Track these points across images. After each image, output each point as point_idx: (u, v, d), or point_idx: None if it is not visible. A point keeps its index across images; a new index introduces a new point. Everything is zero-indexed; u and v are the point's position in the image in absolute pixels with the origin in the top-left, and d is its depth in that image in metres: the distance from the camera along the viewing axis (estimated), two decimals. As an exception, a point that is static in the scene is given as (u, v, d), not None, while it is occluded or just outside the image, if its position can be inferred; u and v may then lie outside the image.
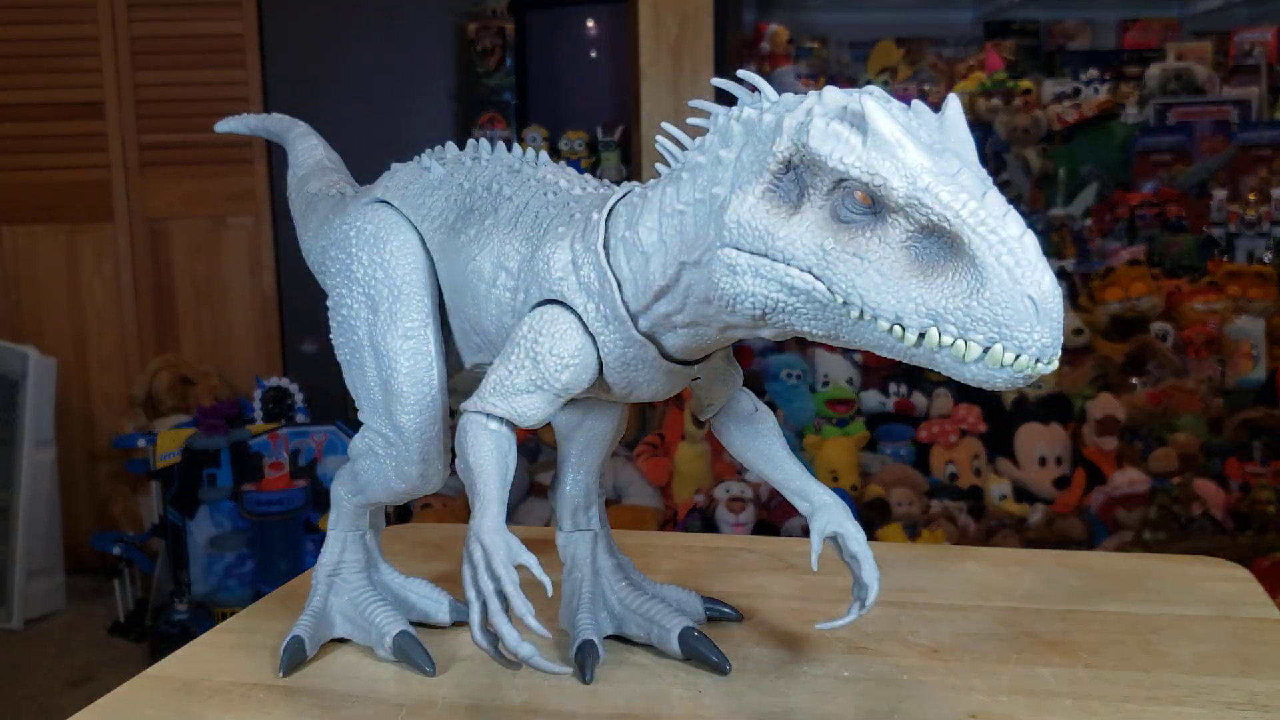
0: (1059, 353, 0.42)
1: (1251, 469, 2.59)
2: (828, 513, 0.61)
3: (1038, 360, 0.42)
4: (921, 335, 0.43)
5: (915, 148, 0.43)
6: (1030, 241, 0.42)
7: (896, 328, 0.44)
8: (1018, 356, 0.42)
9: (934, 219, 0.43)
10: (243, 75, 3.24)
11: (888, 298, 0.43)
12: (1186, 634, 0.69)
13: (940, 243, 0.43)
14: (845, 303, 0.45)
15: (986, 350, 0.42)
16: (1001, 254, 0.42)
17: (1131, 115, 3.27)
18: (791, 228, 0.46)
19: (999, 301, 0.42)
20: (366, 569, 0.72)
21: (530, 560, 0.53)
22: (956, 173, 0.43)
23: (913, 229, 0.43)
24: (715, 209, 0.49)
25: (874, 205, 0.44)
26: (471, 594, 0.54)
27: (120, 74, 3.23)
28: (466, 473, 0.57)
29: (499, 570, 0.53)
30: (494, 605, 0.53)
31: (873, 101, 0.44)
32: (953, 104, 0.46)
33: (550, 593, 0.56)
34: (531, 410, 0.56)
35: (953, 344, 0.43)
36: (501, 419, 0.57)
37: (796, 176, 0.46)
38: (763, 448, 0.64)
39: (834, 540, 0.62)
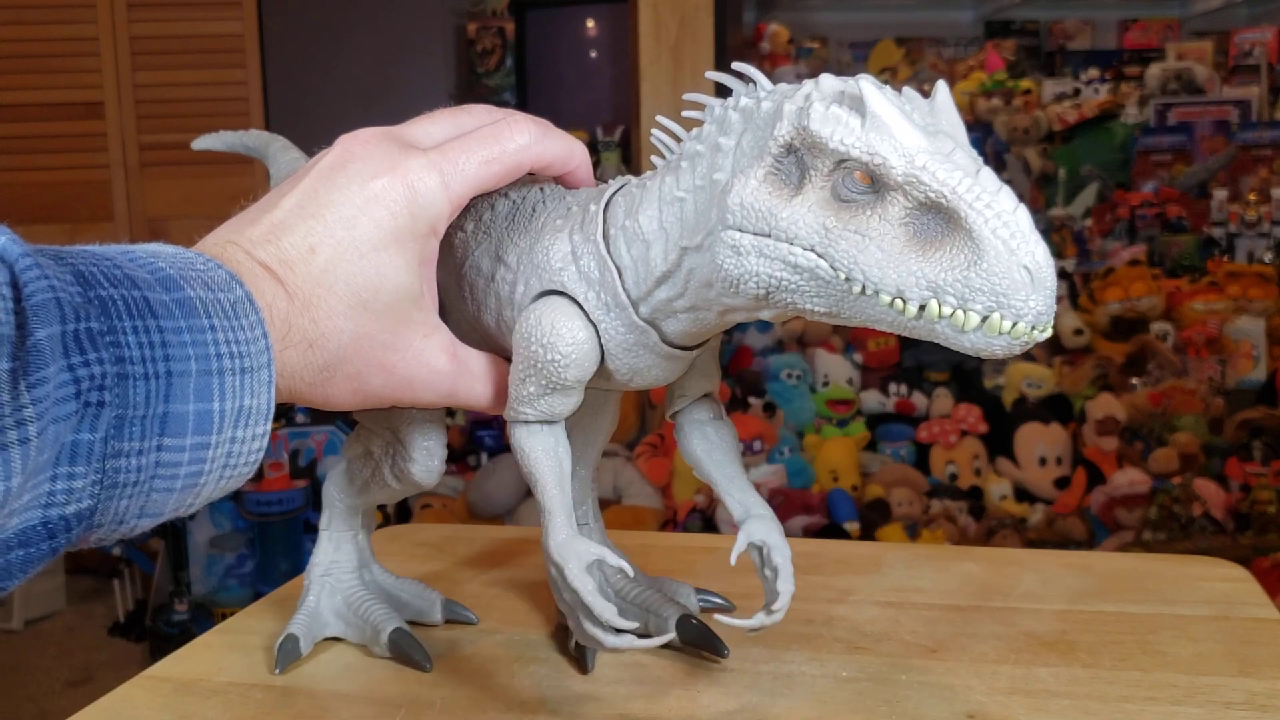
0: (1053, 320, 0.44)
1: (1252, 469, 2.59)
2: (761, 523, 0.61)
3: (1033, 327, 0.43)
4: (922, 307, 0.44)
5: (912, 128, 0.44)
6: (1023, 215, 0.43)
7: (898, 301, 0.44)
8: (1015, 324, 0.43)
9: (932, 196, 0.44)
10: (243, 75, 3.24)
11: (889, 272, 0.44)
12: (1185, 634, 0.69)
13: (938, 218, 0.44)
14: (848, 279, 0.45)
15: (985, 319, 0.43)
16: (997, 227, 0.43)
17: (1131, 115, 3.27)
18: (794, 208, 0.47)
19: (996, 272, 0.43)
20: (359, 569, 0.72)
21: (602, 553, 0.55)
22: (951, 152, 0.44)
23: (911, 206, 0.44)
24: (716, 194, 0.50)
25: (873, 184, 0.45)
26: (563, 607, 0.58)
27: (120, 74, 3.23)
28: (529, 482, 0.59)
29: (574, 584, 0.55)
30: (581, 615, 0.55)
31: (870, 85, 0.45)
32: (941, 89, 0.47)
33: (631, 574, 0.61)
34: (558, 406, 0.58)
35: (952, 314, 0.43)
36: (539, 420, 0.58)
37: (797, 159, 0.47)
38: (712, 452, 0.63)
39: (760, 550, 0.61)
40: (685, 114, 0.54)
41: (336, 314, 0.47)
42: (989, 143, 3.27)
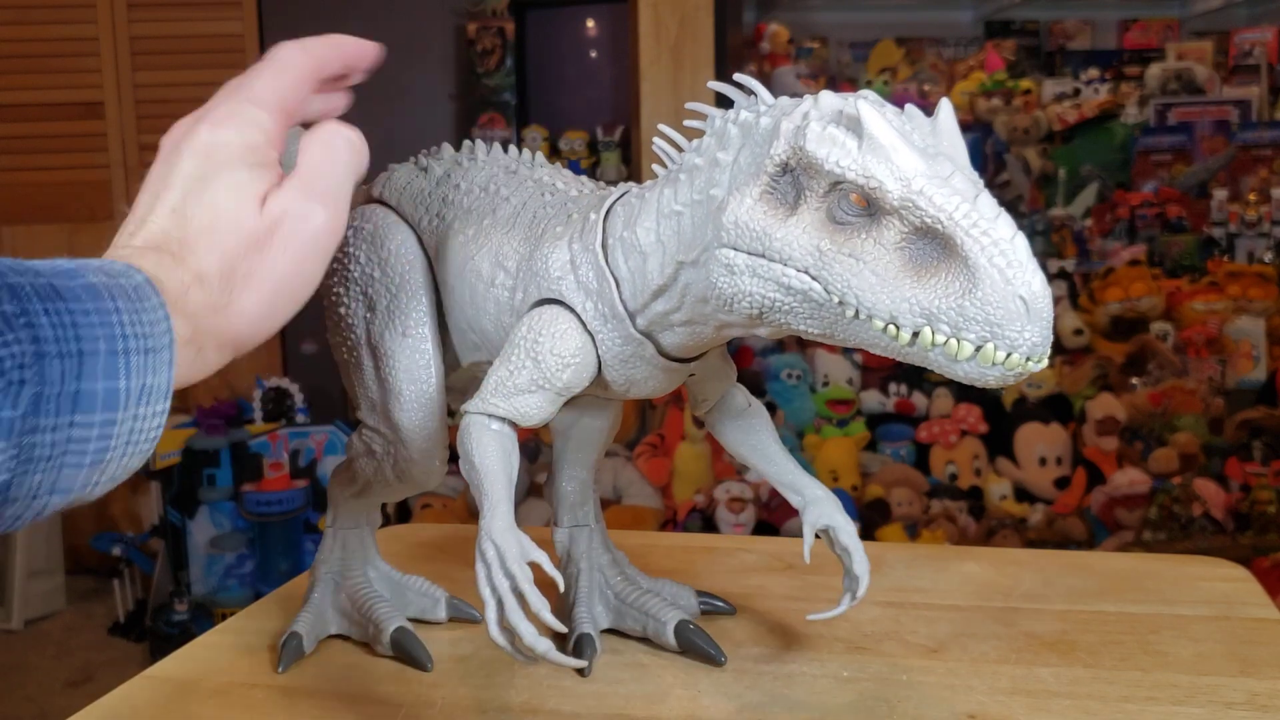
0: (1049, 351, 0.43)
1: (1252, 469, 2.59)
2: (819, 506, 0.62)
3: (1028, 359, 0.43)
4: (915, 334, 0.44)
5: (909, 151, 0.44)
6: (1021, 243, 0.43)
7: (891, 326, 0.44)
8: (1009, 355, 0.43)
9: (928, 221, 0.43)
10: (243, 75, 3.23)
11: (882, 297, 0.44)
12: (1186, 634, 0.69)
13: (934, 244, 0.44)
14: (841, 302, 0.45)
15: (979, 349, 0.43)
16: (994, 255, 0.42)
17: (1131, 115, 3.27)
18: (788, 229, 0.46)
19: (991, 301, 0.42)
20: (364, 566, 0.72)
21: (542, 557, 0.53)
22: (949, 176, 0.44)
23: (907, 230, 0.44)
24: (713, 210, 0.50)
25: (869, 207, 0.45)
26: (486, 592, 0.53)
27: (120, 74, 3.23)
28: (472, 473, 0.57)
29: (512, 568, 0.53)
30: (510, 603, 0.53)
31: (868, 105, 0.45)
32: (945, 108, 0.47)
33: (562, 588, 0.56)
34: (534, 410, 0.57)
35: (945, 343, 0.43)
36: (504, 419, 0.57)
37: (793, 179, 0.47)
38: (756, 442, 0.65)
39: (825, 534, 0.62)
40: (687, 123, 0.54)
41: (208, 239, 0.49)
42: (989, 143, 3.27)
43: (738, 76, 0.52)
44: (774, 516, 2.48)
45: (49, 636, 2.93)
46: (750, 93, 0.51)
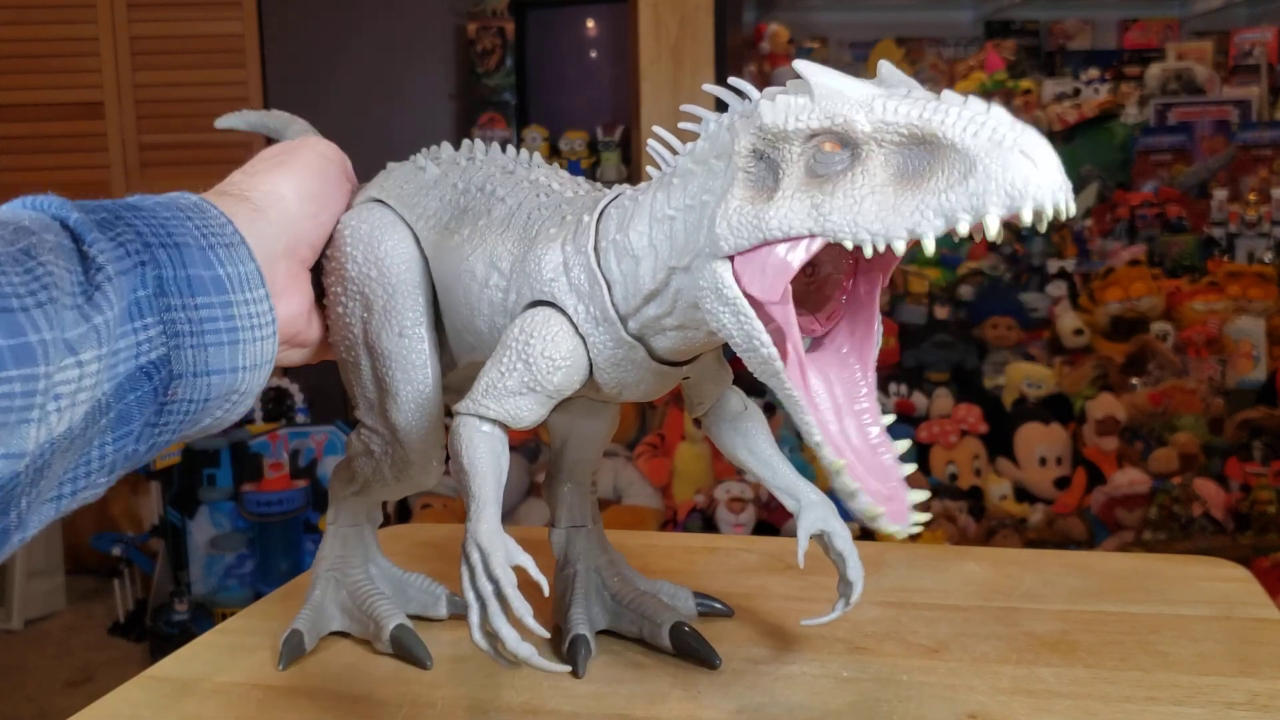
0: (1071, 189, 0.42)
1: (1252, 469, 2.59)
2: (814, 511, 0.62)
3: (1055, 204, 0.41)
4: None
5: (860, 83, 0.45)
6: (999, 111, 0.43)
7: (915, 241, 0.43)
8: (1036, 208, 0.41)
9: (903, 131, 0.43)
10: (243, 75, 3.24)
11: (893, 218, 0.44)
12: (1186, 634, 0.69)
13: (918, 152, 0.44)
14: (855, 245, 0.44)
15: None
16: (977, 130, 0.42)
17: (1131, 115, 3.27)
18: (778, 204, 0.46)
19: (995, 170, 0.41)
20: (365, 564, 0.72)
21: (527, 561, 0.53)
22: (907, 91, 0.44)
23: (889, 150, 0.44)
24: (706, 216, 0.50)
25: (845, 148, 0.45)
26: (470, 596, 0.54)
27: (120, 74, 3.23)
28: (461, 475, 0.57)
29: (497, 572, 0.53)
30: (493, 607, 0.53)
31: (804, 61, 0.46)
32: (882, 65, 0.48)
33: (547, 593, 0.56)
34: (525, 412, 0.57)
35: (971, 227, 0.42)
36: (495, 421, 0.57)
37: (767, 161, 0.47)
38: (752, 446, 0.64)
39: (820, 539, 0.62)
40: (681, 125, 0.54)
41: (274, 178, 0.60)
42: (989, 143, 3.26)
43: (732, 80, 0.52)
44: (774, 516, 2.47)
45: (49, 636, 2.93)
46: (744, 95, 0.51)
